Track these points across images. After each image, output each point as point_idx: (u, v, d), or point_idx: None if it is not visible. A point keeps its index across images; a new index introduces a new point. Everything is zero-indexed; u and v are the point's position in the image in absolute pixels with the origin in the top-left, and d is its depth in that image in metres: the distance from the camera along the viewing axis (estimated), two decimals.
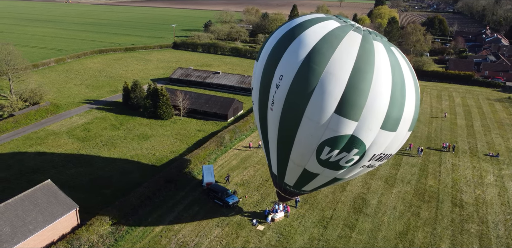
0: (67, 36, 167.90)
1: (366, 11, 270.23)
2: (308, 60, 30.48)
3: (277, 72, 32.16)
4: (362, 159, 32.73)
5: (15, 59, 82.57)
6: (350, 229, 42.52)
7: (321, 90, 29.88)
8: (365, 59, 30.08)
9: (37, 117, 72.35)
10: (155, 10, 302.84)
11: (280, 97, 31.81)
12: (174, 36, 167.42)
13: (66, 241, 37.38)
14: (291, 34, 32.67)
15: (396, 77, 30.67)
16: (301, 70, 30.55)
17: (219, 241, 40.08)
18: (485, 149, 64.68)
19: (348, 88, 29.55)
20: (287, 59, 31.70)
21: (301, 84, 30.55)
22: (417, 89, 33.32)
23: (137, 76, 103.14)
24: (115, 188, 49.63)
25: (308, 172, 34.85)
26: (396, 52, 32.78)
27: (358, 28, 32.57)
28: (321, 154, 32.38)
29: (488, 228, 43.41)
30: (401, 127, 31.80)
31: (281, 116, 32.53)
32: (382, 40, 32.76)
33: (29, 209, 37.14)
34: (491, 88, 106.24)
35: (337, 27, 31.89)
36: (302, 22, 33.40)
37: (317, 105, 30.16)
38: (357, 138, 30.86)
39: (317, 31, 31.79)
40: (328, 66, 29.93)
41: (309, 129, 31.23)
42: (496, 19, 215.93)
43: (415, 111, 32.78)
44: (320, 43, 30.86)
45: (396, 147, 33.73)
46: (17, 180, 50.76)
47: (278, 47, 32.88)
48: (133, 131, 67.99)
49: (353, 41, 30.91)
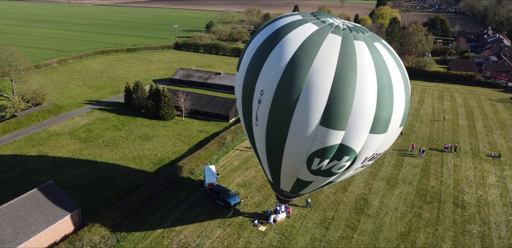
0: (69, 37, 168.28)
1: (367, 12, 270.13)
2: (287, 73, 29.29)
3: (257, 87, 31.07)
4: (354, 163, 32.37)
5: (17, 60, 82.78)
6: (351, 230, 42.50)
7: (304, 103, 28.90)
8: (347, 65, 28.86)
9: (39, 118, 72.55)
10: (156, 11, 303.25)
11: (264, 113, 31.06)
12: (175, 37, 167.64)
13: (68, 242, 37.47)
14: (269, 45, 31.15)
15: (382, 79, 29.55)
16: (281, 85, 29.41)
17: (221, 242, 40.12)
18: (487, 149, 64.58)
19: (331, 99, 28.52)
20: (266, 73, 30.44)
21: (282, 99, 29.51)
22: (407, 84, 32.07)
23: (139, 77, 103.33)
24: (117, 189, 49.73)
25: (301, 181, 34.91)
26: (381, 48, 31.38)
27: (337, 27, 31.10)
28: (311, 165, 32.15)
29: (490, 229, 43.35)
30: (392, 127, 31.10)
31: (266, 131, 31.93)
32: (364, 37, 31.29)
33: (31, 210, 37.24)
34: (493, 88, 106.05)
35: (314, 32, 30.34)
36: (278, 30, 31.67)
37: (301, 118, 29.31)
38: (346, 146, 30.23)
39: (294, 39, 30.25)
40: (308, 77, 28.77)
41: (296, 143, 30.71)
42: (498, 19, 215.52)
43: (405, 108, 31.80)
44: (298, 53, 29.50)
45: (388, 144, 33.19)
46: (19, 181, 50.90)
47: (256, 59, 31.54)
48: (135, 132, 68.11)
49: (332, 45, 29.55)
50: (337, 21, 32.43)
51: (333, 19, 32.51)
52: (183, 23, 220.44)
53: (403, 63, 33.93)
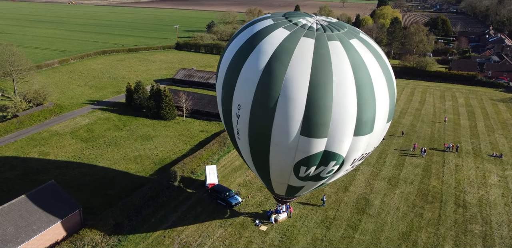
0: (71, 37, 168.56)
1: (369, 12, 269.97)
2: (261, 86, 28.46)
3: (234, 101, 30.45)
4: (343, 166, 32.00)
5: (18, 60, 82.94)
6: (353, 230, 42.47)
7: (281, 115, 28.24)
8: (321, 70, 27.83)
9: (40, 117, 72.66)
10: (158, 11, 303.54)
11: (243, 127, 30.68)
12: (177, 37, 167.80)
13: (70, 241, 37.53)
14: (241, 56, 30.19)
15: (361, 78, 28.56)
16: (257, 98, 28.73)
17: (222, 242, 40.12)
18: (489, 149, 64.48)
19: (309, 108, 27.76)
20: (241, 86, 29.70)
21: (260, 113, 28.92)
22: (390, 79, 31.03)
23: (140, 77, 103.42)
24: (118, 189, 49.78)
25: (293, 186, 34.91)
26: (358, 44, 30.13)
27: (310, 29, 30.01)
28: (299, 173, 31.98)
29: (491, 228, 43.27)
30: (378, 125, 30.44)
31: (249, 144, 31.71)
32: (339, 35, 30.02)
33: (33, 210, 37.28)
34: (495, 88, 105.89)
35: (286, 38, 29.21)
36: (251, 38, 30.56)
37: (280, 130, 28.77)
38: (331, 152, 29.75)
39: (266, 48, 29.16)
40: (283, 88, 27.91)
41: (279, 154, 30.47)
42: (499, 19, 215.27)
43: (390, 104, 30.96)
44: (271, 63, 28.49)
45: (377, 142, 32.68)
46: (21, 181, 50.98)
47: (231, 71, 30.74)
48: (136, 132, 68.17)
49: (305, 50, 28.42)
50: (311, 21, 31.29)
51: (306, 19, 31.40)
52: (184, 23, 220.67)
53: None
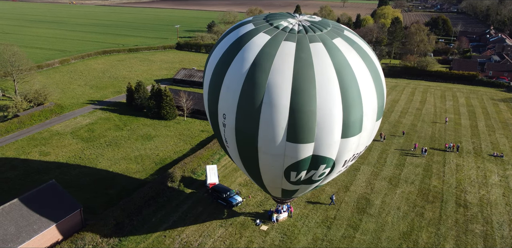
0: (71, 37, 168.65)
1: (369, 11, 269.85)
2: (244, 93, 28.19)
3: (219, 110, 30.36)
4: (335, 168, 31.81)
5: (19, 60, 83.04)
6: (353, 229, 42.43)
7: (265, 122, 28.06)
8: (303, 75, 27.38)
9: (41, 117, 72.70)
10: (158, 11, 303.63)
11: (231, 136, 30.68)
12: (177, 37, 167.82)
13: (71, 241, 37.58)
14: (223, 64, 29.84)
15: (346, 80, 28.04)
16: (240, 107, 28.53)
17: (223, 241, 40.11)
18: (490, 149, 64.39)
19: (292, 114, 27.46)
20: (224, 95, 29.49)
21: (244, 122, 28.80)
22: (377, 76, 30.43)
23: (140, 77, 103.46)
24: (119, 188, 49.79)
25: (287, 190, 34.96)
26: (342, 43, 29.46)
27: (292, 31, 29.47)
28: (290, 178, 31.97)
29: (492, 228, 43.22)
30: (366, 124, 30.07)
31: (238, 152, 31.73)
32: (322, 35, 29.41)
33: (33, 209, 37.30)
34: (496, 88, 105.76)
35: (266, 43, 28.70)
36: (232, 45, 30.13)
37: (266, 138, 28.66)
38: (320, 156, 29.56)
39: (246, 55, 28.77)
40: (265, 95, 27.55)
41: (268, 161, 30.48)
42: (500, 19, 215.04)
43: (378, 102, 30.50)
44: (252, 71, 28.09)
45: (367, 141, 32.31)
46: (21, 180, 51.00)
47: (214, 80, 30.48)
48: (137, 132, 68.18)
49: (286, 55, 27.90)
50: (293, 22, 30.76)
51: (288, 21, 30.91)
52: (185, 23, 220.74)
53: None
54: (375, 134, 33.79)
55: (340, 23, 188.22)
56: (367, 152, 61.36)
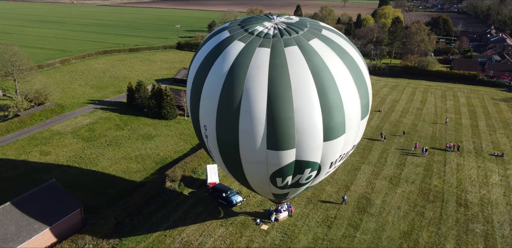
0: (72, 37, 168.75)
1: (370, 11, 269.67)
2: (221, 104, 28.16)
3: (201, 122, 30.54)
4: (321, 170, 31.62)
5: (20, 60, 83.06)
6: (354, 229, 42.39)
7: (244, 132, 28.01)
8: (278, 81, 27.02)
9: (42, 117, 72.73)
10: (159, 11, 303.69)
11: (213, 146, 30.85)
12: (178, 37, 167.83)
13: (71, 240, 37.60)
14: (201, 75, 29.78)
15: (324, 83, 27.56)
16: (219, 118, 28.60)
17: (223, 241, 40.10)
18: (490, 149, 64.31)
19: (270, 122, 27.27)
20: (203, 107, 29.56)
21: (224, 132, 28.88)
22: (358, 75, 29.85)
23: (141, 77, 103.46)
24: (119, 188, 49.79)
25: (278, 194, 35.02)
26: (319, 44, 28.84)
27: (266, 36, 29.00)
28: (276, 184, 31.97)
29: (493, 228, 43.15)
30: (350, 125, 29.68)
31: (223, 161, 31.95)
32: (298, 38, 28.87)
33: (34, 209, 37.32)
34: (496, 88, 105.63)
35: (241, 52, 28.39)
36: (208, 56, 29.93)
37: (247, 147, 28.65)
38: (303, 161, 29.38)
39: (222, 66, 28.54)
40: (242, 105, 27.44)
41: (252, 169, 30.59)
42: (501, 18, 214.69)
43: (362, 101, 29.98)
44: (228, 81, 27.87)
45: (353, 141, 31.91)
46: (22, 180, 51.03)
47: (194, 91, 30.57)
48: (137, 131, 68.19)
49: (261, 62, 27.54)
50: (268, 26, 30.29)
51: (263, 25, 30.43)
52: (185, 23, 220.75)
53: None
54: (362, 132, 33.47)
55: (341, 23, 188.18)
56: (368, 152, 61.34)
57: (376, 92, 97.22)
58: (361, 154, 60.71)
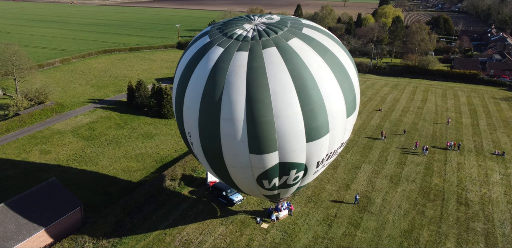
0: (72, 36, 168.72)
1: (370, 11, 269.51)
2: (202, 112, 28.21)
3: (186, 129, 30.75)
4: (308, 171, 31.41)
5: (20, 59, 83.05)
6: (354, 227, 42.31)
7: (226, 138, 28.01)
8: (256, 85, 26.74)
9: (42, 116, 72.71)
10: (159, 11, 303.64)
11: (199, 153, 31.11)
12: (178, 36, 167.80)
13: (71, 239, 37.52)
14: (183, 83, 29.81)
15: (303, 84, 27.13)
16: (201, 125, 28.67)
17: (223, 239, 40.03)
18: (491, 147, 64.19)
19: (250, 126, 27.14)
20: (187, 114, 29.76)
21: (207, 139, 28.98)
22: (342, 73, 29.33)
23: (141, 76, 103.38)
24: (119, 187, 49.74)
25: (268, 195, 35.01)
26: (298, 44, 28.33)
27: (245, 39, 28.63)
28: (264, 186, 31.99)
29: (494, 226, 43.06)
30: (335, 124, 29.30)
31: (211, 168, 32.26)
32: (277, 38, 28.43)
33: (34, 207, 37.28)
34: (497, 87, 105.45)
35: (219, 57, 28.15)
36: (188, 64, 29.89)
37: (230, 152, 28.76)
38: (287, 163, 29.26)
39: (201, 74, 28.47)
40: (222, 111, 27.35)
41: (238, 173, 30.70)
42: (501, 18, 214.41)
43: (346, 99, 29.47)
44: (207, 88, 27.79)
45: (341, 138, 31.45)
46: (22, 179, 50.99)
47: (177, 100, 30.72)
48: (138, 130, 68.14)
49: (238, 67, 27.35)
50: (248, 28, 29.94)
51: (243, 28, 30.09)
52: (186, 22, 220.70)
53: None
54: (351, 129, 33.09)
55: (341, 22, 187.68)
56: (368, 151, 61.26)
57: (377, 91, 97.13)
58: (362, 153, 60.63)
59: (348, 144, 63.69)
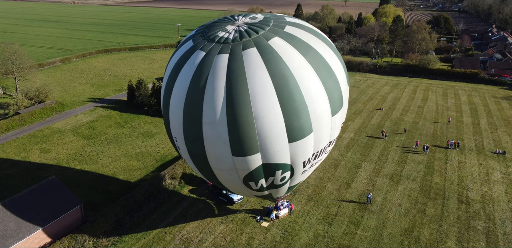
0: (73, 36, 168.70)
1: (371, 10, 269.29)
2: (186, 116, 28.41)
3: (172, 134, 30.97)
4: (295, 171, 31.18)
5: (20, 58, 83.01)
6: (355, 226, 42.21)
7: (208, 141, 28.14)
8: (235, 87, 26.67)
9: (42, 115, 72.66)
10: (159, 10, 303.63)
11: (186, 157, 31.49)
12: (178, 36, 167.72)
13: (71, 237, 37.47)
14: (168, 90, 29.97)
15: (284, 84, 26.89)
16: (185, 130, 28.85)
17: (224, 238, 39.95)
18: (492, 146, 64.06)
19: (231, 128, 27.15)
20: (172, 120, 29.96)
21: (192, 143, 29.16)
22: (326, 72, 28.93)
23: (141, 75, 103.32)
24: (119, 185, 49.68)
25: (259, 196, 34.94)
26: (279, 43, 27.96)
27: (226, 41, 28.48)
28: (251, 187, 31.97)
29: (495, 225, 42.95)
30: (319, 123, 28.97)
31: (199, 171, 32.59)
32: (257, 38, 28.14)
33: (34, 205, 37.21)
34: (498, 86, 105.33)
35: (201, 61, 28.12)
36: (173, 70, 29.96)
37: (214, 155, 28.86)
38: (271, 164, 29.15)
39: (184, 79, 28.56)
40: (203, 114, 27.46)
41: (223, 175, 30.81)
42: (502, 17, 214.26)
43: (330, 98, 29.05)
44: (190, 92, 27.95)
45: (328, 137, 31.10)
46: (22, 177, 50.94)
47: (164, 106, 31.04)
48: (138, 129, 68.07)
49: (218, 70, 27.33)
50: (230, 29, 29.69)
51: (225, 29, 29.83)
52: (186, 22, 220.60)
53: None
54: (339, 127, 32.72)
55: (341, 22, 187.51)
56: (369, 149, 61.15)
57: (377, 90, 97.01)
58: (362, 151, 60.53)
59: (349, 143, 63.63)
